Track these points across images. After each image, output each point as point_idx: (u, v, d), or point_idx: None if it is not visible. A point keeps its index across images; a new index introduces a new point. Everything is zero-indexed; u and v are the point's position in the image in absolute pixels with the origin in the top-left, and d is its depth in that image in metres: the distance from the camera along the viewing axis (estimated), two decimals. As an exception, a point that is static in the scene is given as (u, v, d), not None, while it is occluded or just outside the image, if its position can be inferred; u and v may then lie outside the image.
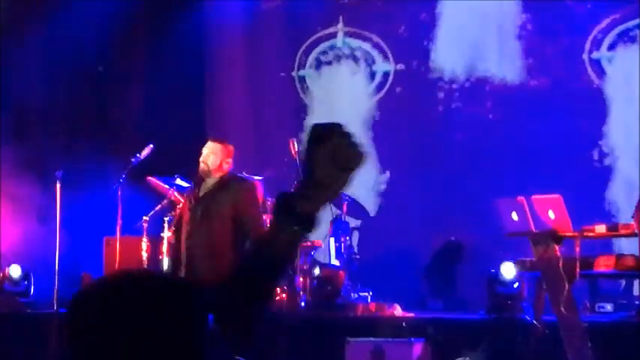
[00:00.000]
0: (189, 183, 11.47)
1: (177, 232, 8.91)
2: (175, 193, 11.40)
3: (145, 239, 11.59)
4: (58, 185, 11.46)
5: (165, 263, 11.43)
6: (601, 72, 13.52)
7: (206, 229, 8.51)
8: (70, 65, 13.02)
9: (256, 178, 10.21)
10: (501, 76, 13.61)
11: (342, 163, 2.33)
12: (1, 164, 12.50)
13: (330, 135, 2.34)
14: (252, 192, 8.73)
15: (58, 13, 13.14)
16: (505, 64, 13.65)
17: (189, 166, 11.95)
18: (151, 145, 11.36)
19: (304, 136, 2.53)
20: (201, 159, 8.70)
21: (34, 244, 11.79)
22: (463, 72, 13.84)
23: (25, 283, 12.05)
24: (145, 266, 11.50)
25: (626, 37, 13.47)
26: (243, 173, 9.52)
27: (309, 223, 2.36)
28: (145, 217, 11.60)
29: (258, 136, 13.80)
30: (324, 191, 2.37)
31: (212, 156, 8.67)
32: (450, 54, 13.92)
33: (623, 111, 13.22)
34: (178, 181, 11.42)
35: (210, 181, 8.67)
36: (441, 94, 13.90)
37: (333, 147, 2.32)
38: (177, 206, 11.37)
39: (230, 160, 8.73)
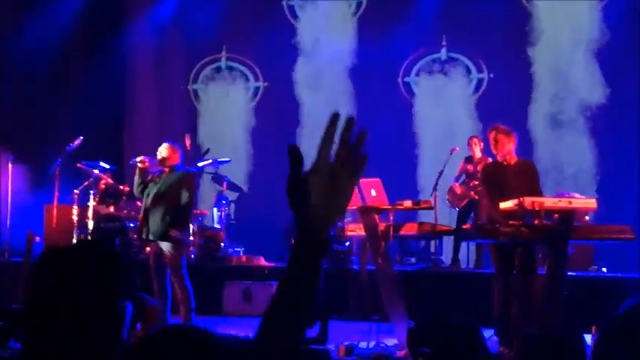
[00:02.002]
0: (110, 165, 11.44)
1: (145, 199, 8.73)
2: (97, 172, 11.35)
3: (75, 207, 11.38)
4: (10, 166, 11.27)
5: (90, 225, 11.22)
6: (410, 91, 13.76)
7: (163, 199, 8.47)
8: (22, 70, 12.57)
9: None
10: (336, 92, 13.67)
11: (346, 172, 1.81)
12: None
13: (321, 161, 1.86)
14: (192, 178, 8.72)
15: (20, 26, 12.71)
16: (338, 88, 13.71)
17: (109, 153, 11.82)
18: (81, 137, 11.22)
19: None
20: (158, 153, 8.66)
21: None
22: (312, 90, 13.89)
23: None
24: (75, 226, 11.25)
25: (428, 66, 13.74)
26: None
27: (327, 247, 1.79)
28: (75, 191, 11.40)
29: (163, 131, 13.55)
30: (329, 212, 1.78)
31: (164, 151, 8.64)
32: (304, 76, 13.96)
33: (425, 119, 13.50)
34: (102, 164, 11.40)
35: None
36: (297, 103, 13.91)
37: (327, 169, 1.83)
38: (101, 182, 11.25)
39: (177, 156, 8.70)
